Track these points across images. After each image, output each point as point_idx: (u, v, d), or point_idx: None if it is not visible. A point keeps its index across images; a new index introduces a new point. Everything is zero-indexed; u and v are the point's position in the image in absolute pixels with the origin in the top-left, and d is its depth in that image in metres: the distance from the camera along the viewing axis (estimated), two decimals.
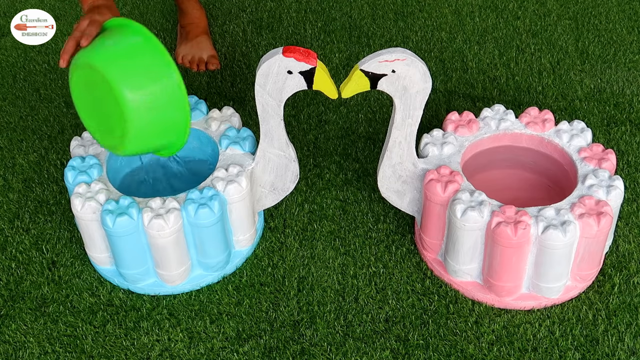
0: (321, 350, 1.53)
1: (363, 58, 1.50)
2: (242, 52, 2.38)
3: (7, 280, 1.69)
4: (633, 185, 1.85)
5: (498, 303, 1.59)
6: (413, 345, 1.53)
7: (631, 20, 2.45)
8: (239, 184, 1.58)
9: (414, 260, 1.70)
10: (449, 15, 2.50)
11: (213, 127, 1.71)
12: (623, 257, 1.67)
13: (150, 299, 1.64)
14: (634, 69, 2.24)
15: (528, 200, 1.63)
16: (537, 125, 1.68)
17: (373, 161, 1.95)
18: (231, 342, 1.56)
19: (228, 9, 2.59)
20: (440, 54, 2.33)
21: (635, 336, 1.53)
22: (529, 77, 2.22)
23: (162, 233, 1.51)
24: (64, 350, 1.55)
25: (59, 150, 2.02)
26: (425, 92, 1.49)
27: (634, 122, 2.03)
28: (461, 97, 2.16)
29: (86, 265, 1.71)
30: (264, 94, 1.49)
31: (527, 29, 2.42)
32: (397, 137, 1.55)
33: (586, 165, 1.59)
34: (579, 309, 1.58)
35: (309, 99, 2.15)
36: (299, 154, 1.92)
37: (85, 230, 1.59)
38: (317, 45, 2.38)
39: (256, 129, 1.71)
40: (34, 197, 1.89)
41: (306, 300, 1.62)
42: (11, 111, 2.18)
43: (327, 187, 1.88)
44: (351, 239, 1.75)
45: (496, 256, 1.50)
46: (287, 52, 1.43)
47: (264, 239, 1.76)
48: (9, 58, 2.39)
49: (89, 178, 1.59)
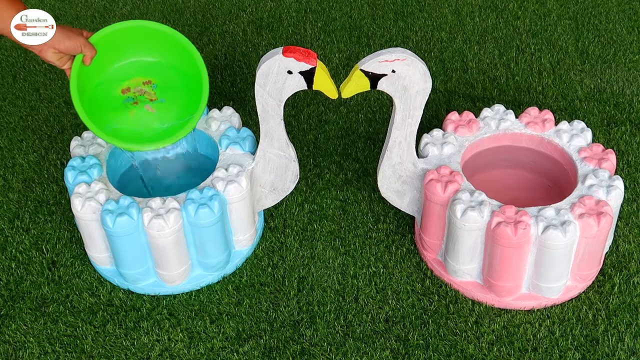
0: (321, 350, 1.53)
1: (363, 58, 1.50)
2: (242, 52, 2.38)
3: (7, 280, 1.69)
4: (633, 185, 1.85)
5: (498, 303, 1.59)
6: (413, 345, 1.53)
7: (631, 20, 2.45)
8: (239, 184, 1.58)
9: (414, 260, 1.70)
10: (449, 15, 2.50)
11: (213, 127, 1.71)
12: (623, 257, 1.67)
13: (150, 299, 1.64)
14: (634, 69, 2.24)
15: (528, 200, 1.63)
16: (537, 125, 1.68)
17: (373, 161, 1.95)
18: (231, 342, 1.56)
19: (228, 9, 2.59)
20: (440, 54, 2.33)
21: (635, 336, 1.53)
22: (529, 77, 2.22)
23: (162, 233, 1.51)
24: (64, 350, 1.55)
25: (59, 150, 2.02)
26: (425, 92, 1.49)
27: (634, 122, 2.03)
28: (461, 97, 2.16)
29: (86, 265, 1.71)
30: (264, 94, 1.49)
31: (527, 29, 2.42)
32: (397, 137, 1.55)
33: (586, 165, 1.59)
34: (579, 309, 1.58)
35: (309, 99, 2.15)
36: (299, 154, 1.92)
37: (85, 230, 1.59)
38: (317, 45, 2.38)
39: (256, 129, 1.71)
40: (34, 197, 1.89)
41: (306, 300, 1.62)
42: (11, 111, 2.18)
43: (327, 187, 1.88)
44: (351, 239, 1.75)
45: (496, 256, 1.50)
46: (287, 52, 1.43)
47: (264, 239, 1.76)
48: (9, 58, 2.39)
49: (89, 178, 1.59)
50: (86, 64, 1.48)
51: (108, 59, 1.56)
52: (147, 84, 1.60)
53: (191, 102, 1.57)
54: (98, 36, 1.51)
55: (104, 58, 1.54)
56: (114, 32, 1.52)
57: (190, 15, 2.56)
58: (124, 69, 1.60)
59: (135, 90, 1.60)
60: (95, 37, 1.50)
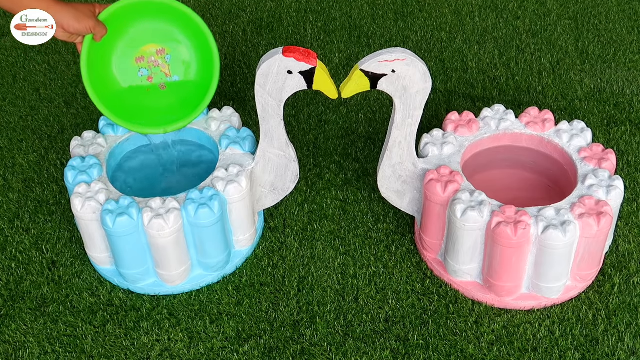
0: (321, 350, 1.53)
1: (363, 58, 1.50)
2: (242, 52, 2.38)
3: (7, 280, 1.69)
4: (633, 185, 1.85)
5: (498, 303, 1.59)
6: (413, 345, 1.53)
7: (631, 20, 2.45)
8: (239, 184, 1.58)
9: (414, 260, 1.70)
10: (449, 15, 2.50)
11: (213, 127, 1.71)
12: (623, 257, 1.67)
13: (150, 299, 1.64)
14: (634, 69, 2.24)
15: (528, 200, 1.63)
16: (537, 125, 1.68)
17: (373, 161, 1.95)
18: (231, 342, 1.56)
19: (228, 9, 2.59)
20: (440, 54, 2.33)
21: (635, 336, 1.53)
22: (529, 77, 2.22)
23: (162, 233, 1.51)
24: (64, 350, 1.55)
25: (59, 150, 2.02)
26: (425, 92, 1.49)
27: (634, 122, 2.03)
28: (461, 97, 2.16)
29: (86, 265, 1.71)
30: (264, 94, 1.49)
31: (527, 29, 2.42)
32: (397, 137, 1.55)
33: (586, 165, 1.59)
34: (579, 309, 1.58)
35: (309, 99, 2.15)
36: (299, 154, 1.92)
37: (85, 230, 1.59)
38: (317, 45, 2.38)
39: (256, 129, 1.71)
40: (34, 197, 1.89)
41: (306, 300, 1.62)
42: (11, 111, 2.18)
43: (327, 187, 1.88)
44: (351, 239, 1.75)
45: (496, 256, 1.50)
46: (287, 52, 1.43)
47: (264, 239, 1.76)
48: (9, 58, 2.39)
49: (89, 178, 1.59)
50: (96, 41, 1.49)
51: (120, 34, 1.57)
52: (161, 54, 1.60)
53: (201, 85, 1.59)
54: (109, 12, 1.50)
55: (116, 33, 1.54)
56: (125, 7, 1.52)
57: None
58: (137, 35, 1.59)
59: (149, 60, 1.60)
60: (106, 14, 1.50)
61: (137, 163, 1.74)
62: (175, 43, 1.60)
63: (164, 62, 1.61)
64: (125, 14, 1.53)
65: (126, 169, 1.73)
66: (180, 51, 1.61)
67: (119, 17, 1.52)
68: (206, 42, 1.57)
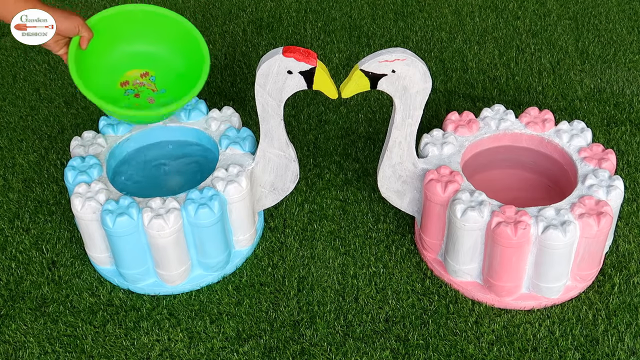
0: (321, 350, 1.53)
1: (363, 58, 1.50)
2: (242, 52, 2.38)
3: (7, 280, 1.69)
4: (633, 185, 1.85)
5: (498, 303, 1.59)
6: (413, 345, 1.53)
7: (631, 20, 2.45)
8: (239, 184, 1.58)
9: (414, 260, 1.70)
10: (449, 15, 2.50)
11: (213, 127, 1.71)
12: (623, 257, 1.67)
13: (150, 299, 1.64)
14: (634, 69, 2.24)
15: (528, 200, 1.63)
16: (537, 125, 1.68)
17: (373, 161, 1.95)
18: (231, 342, 1.55)
19: (228, 9, 2.59)
20: (440, 54, 2.33)
21: (635, 336, 1.53)
22: (529, 77, 2.22)
23: (162, 233, 1.51)
24: (64, 350, 1.55)
25: (59, 150, 2.02)
26: (425, 92, 1.49)
27: (634, 122, 2.03)
28: (461, 97, 2.16)
29: (86, 265, 1.71)
30: (264, 94, 1.49)
31: (527, 29, 2.42)
32: (397, 137, 1.55)
33: (586, 165, 1.59)
34: (579, 309, 1.58)
35: (309, 99, 2.15)
36: (299, 154, 1.92)
37: (85, 230, 1.59)
38: (317, 45, 2.38)
39: (256, 129, 1.71)
40: (34, 197, 1.89)
41: (306, 300, 1.62)
42: (11, 111, 2.18)
43: (327, 187, 1.88)
44: (351, 239, 1.75)
45: (496, 256, 1.50)
46: (287, 52, 1.43)
47: (264, 239, 1.76)
48: (9, 58, 2.39)
49: (89, 178, 1.59)
50: (82, 48, 1.49)
51: (104, 45, 1.57)
52: (145, 76, 1.61)
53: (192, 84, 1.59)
54: (95, 19, 1.52)
55: (100, 43, 1.55)
56: (110, 16, 1.54)
57: (190, 15, 2.56)
58: (120, 61, 1.61)
59: (134, 83, 1.61)
60: (93, 20, 1.52)
61: (137, 163, 1.74)
62: (159, 62, 1.62)
63: (149, 82, 1.62)
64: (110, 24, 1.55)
65: (126, 169, 1.73)
66: (166, 65, 1.62)
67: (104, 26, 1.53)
68: (190, 34, 1.57)
